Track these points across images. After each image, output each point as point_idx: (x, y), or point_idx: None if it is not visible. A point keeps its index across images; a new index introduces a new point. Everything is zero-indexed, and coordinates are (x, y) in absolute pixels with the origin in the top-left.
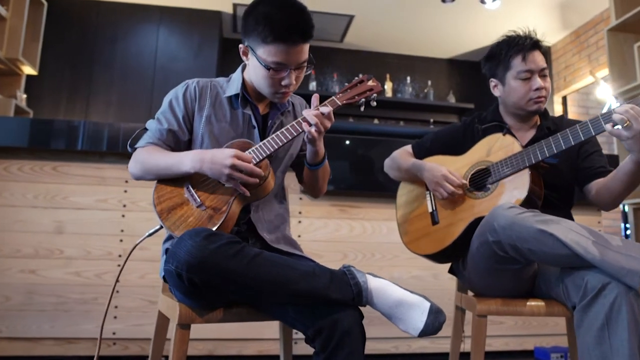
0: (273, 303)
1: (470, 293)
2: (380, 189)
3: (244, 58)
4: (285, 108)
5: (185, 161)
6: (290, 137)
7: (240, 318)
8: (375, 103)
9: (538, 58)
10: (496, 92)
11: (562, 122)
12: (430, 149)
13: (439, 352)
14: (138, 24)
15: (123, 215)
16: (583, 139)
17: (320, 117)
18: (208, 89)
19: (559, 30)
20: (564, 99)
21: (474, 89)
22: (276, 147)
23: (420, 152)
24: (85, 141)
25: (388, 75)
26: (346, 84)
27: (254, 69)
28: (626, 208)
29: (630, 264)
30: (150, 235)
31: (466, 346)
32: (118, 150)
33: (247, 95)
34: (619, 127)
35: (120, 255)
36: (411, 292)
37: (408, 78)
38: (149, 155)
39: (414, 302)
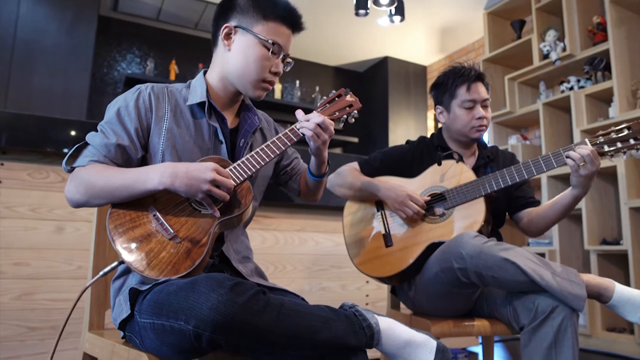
0: (292, 356)
1: (404, 310)
2: (292, 199)
3: (224, 42)
4: (256, 125)
5: (152, 176)
6: (277, 152)
7: None
8: (353, 120)
9: (481, 89)
10: (441, 119)
11: (497, 152)
12: (380, 168)
13: None
14: None
15: None
16: (545, 170)
17: (317, 128)
18: (165, 95)
19: (436, 52)
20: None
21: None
22: (261, 165)
23: (369, 171)
24: None
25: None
26: (324, 97)
27: (243, 50)
28: None
29: (575, 290)
30: (105, 274)
31: None
32: None
33: (213, 104)
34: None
35: None
36: (417, 330)
37: (297, 82)
38: (97, 174)
39: (421, 341)
